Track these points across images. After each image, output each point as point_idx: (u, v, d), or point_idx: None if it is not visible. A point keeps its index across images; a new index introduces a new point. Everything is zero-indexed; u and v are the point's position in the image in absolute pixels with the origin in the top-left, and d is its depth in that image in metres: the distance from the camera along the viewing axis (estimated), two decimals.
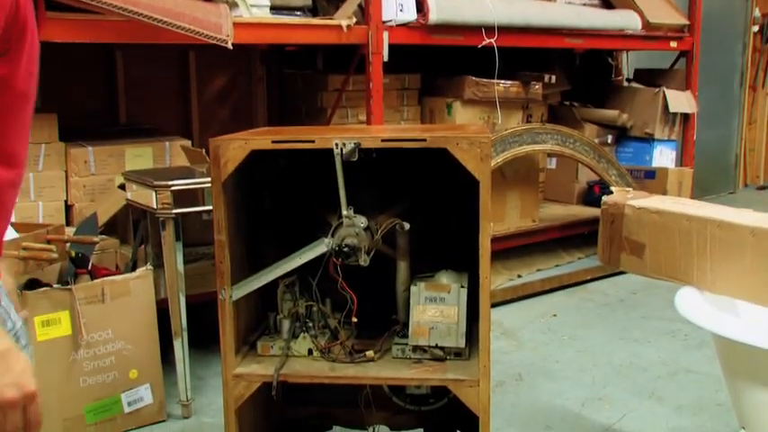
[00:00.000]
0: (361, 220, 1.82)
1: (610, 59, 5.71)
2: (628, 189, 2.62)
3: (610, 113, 5.22)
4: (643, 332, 3.67)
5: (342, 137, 1.74)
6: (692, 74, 5.31)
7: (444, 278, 1.96)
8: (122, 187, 3.12)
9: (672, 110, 5.18)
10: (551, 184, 5.26)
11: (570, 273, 4.44)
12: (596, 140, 4.88)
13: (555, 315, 3.94)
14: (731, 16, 7.11)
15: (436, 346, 1.88)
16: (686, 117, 5.35)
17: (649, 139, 5.25)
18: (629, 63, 5.90)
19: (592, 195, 5.04)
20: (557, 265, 4.56)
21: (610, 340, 3.56)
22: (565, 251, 4.73)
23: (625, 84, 5.68)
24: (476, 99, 4.35)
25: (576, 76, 5.45)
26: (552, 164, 5.23)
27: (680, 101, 5.23)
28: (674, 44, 5.15)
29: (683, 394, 2.96)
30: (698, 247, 2.08)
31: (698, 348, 3.42)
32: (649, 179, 4.96)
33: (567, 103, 5.27)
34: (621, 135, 5.35)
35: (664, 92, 5.17)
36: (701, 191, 6.09)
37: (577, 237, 4.73)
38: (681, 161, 5.42)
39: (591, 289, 4.40)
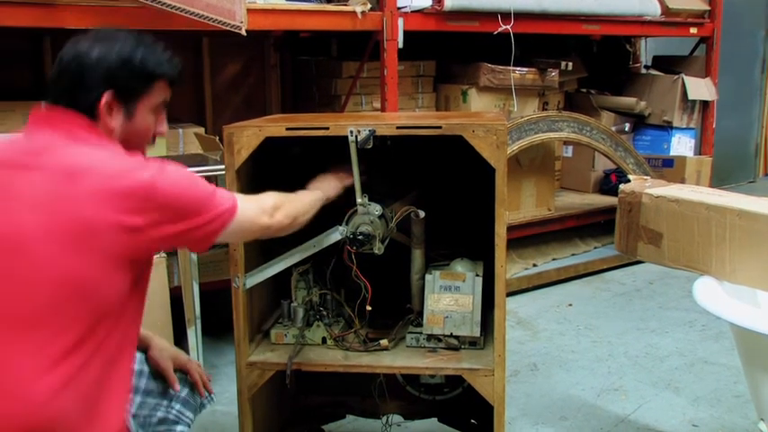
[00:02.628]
0: (376, 208, 1.82)
1: (627, 46, 5.65)
2: (645, 177, 2.60)
3: (627, 101, 5.18)
4: (660, 322, 3.65)
5: (356, 124, 1.74)
6: (711, 61, 5.25)
7: (459, 267, 1.96)
8: None
9: (691, 97, 5.13)
10: (567, 172, 5.23)
11: (586, 262, 4.42)
12: (613, 128, 4.84)
13: (570, 305, 3.92)
14: (753, 2, 7.01)
15: (451, 335, 1.88)
16: (705, 105, 5.29)
17: (667, 127, 5.20)
18: (647, 50, 5.84)
19: (608, 184, 5.01)
20: (573, 255, 4.54)
21: (626, 330, 3.55)
22: (581, 240, 4.71)
23: (643, 71, 5.62)
24: (491, 86, 4.32)
25: (593, 63, 5.40)
26: (568, 152, 5.20)
27: (699, 88, 5.18)
28: (693, 30, 5.09)
29: (700, 385, 2.95)
30: (717, 236, 2.06)
31: (716, 339, 3.40)
32: (667, 168, 4.92)
33: (584, 90, 5.23)
34: (639, 123, 5.31)
35: (683, 79, 5.12)
36: (719, 180, 6.04)
37: (594, 226, 4.70)
38: (700, 149, 5.37)
39: (607, 278, 4.38)
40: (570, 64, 4.70)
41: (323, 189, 1.77)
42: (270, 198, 1.56)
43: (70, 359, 1.26)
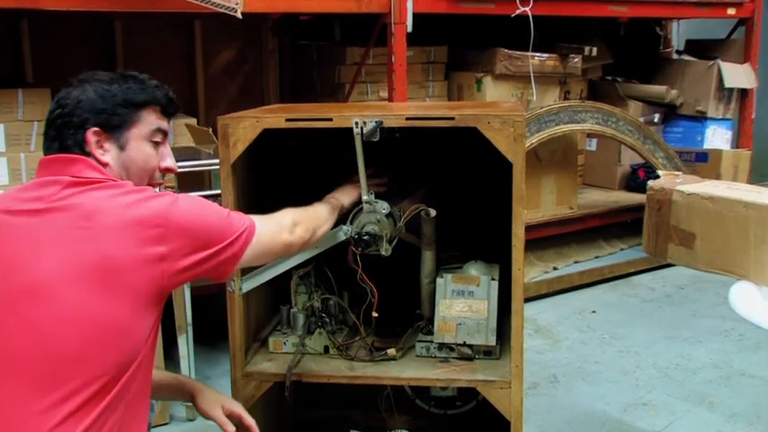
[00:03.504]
0: (383, 206, 1.82)
1: (658, 29, 5.64)
2: (676, 173, 2.60)
3: (657, 89, 5.17)
4: (692, 331, 3.64)
5: (362, 115, 1.75)
6: (751, 44, 5.22)
7: (473, 270, 1.96)
8: None
9: (727, 85, 5.11)
10: (591, 167, 5.23)
11: (611, 265, 4.41)
12: (641, 119, 4.84)
13: (594, 311, 3.92)
14: None
15: (464, 344, 1.89)
16: (744, 93, 5.27)
17: (701, 118, 5.19)
18: (679, 33, 5.83)
19: (636, 180, 5.01)
20: (596, 257, 4.54)
21: (655, 340, 3.54)
22: (605, 241, 4.71)
23: (675, 56, 5.61)
24: (508, 74, 4.32)
25: (619, 47, 5.39)
26: (592, 145, 5.19)
27: (737, 75, 5.16)
28: (731, 11, 5.07)
29: (737, 400, 2.94)
30: (756, 237, 2.06)
31: (754, 350, 3.39)
32: (701, 162, 4.91)
33: (610, 77, 5.23)
34: (670, 113, 5.30)
35: (719, 65, 5.10)
36: (759, 176, 6.01)
37: (619, 226, 4.70)
38: (737, 142, 5.35)
39: (634, 283, 4.37)
40: (594, 49, 4.70)
41: (337, 197, 1.82)
42: (287, 215, 1.62)
43: (91, 413, 1.29)
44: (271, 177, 2.10)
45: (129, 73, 1.53)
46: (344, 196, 1.84)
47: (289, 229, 1.59)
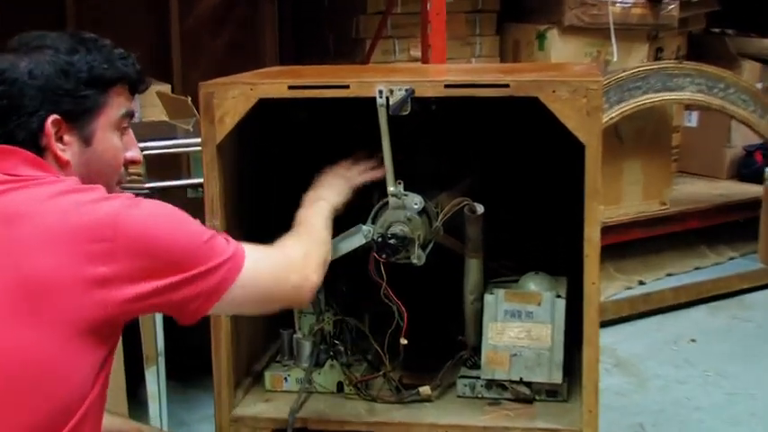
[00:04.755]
0: (415, 200, 1.81)
1: None
2: None
3: None
4: None
5: (388, 81, 1.74)
6: None
7: (533, 284, 1.95)
8: None
9: None
10: (690, 149, 5.20)
11: (717, 279, 4.37)
12: (759, 86, 4.79)
13: (693, 340, 3.90)
14: None
15: (520, 382, 1.88)
16: None
17: None
18: None
19: (750, 166, 4.98)
20: (696, 269, 4.52)
21: None
22: (709, 248, 4.67)
23: None
24: (580, 26, 4.32)
25: None
26: (692, 120, 5.16)
27: None
28: None
29: None
30: None
31: None
32: None
33: (717, 30, 5.18)
34: None
35: None
36: None
37: (729, 227, 4.66)
38: None
39: (747, 303, 4.34)
40: None
41: (326, 198, 1.78)
42: (294, 244, 1.59)
43: None
44: (269, 162, 2.10)
45: (87, 36, 1.49)
46: (333, 194, 1.79)
47: (299, 266, 1.55)
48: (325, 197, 1.77)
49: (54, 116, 1.41)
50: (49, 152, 1.41)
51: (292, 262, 1.55)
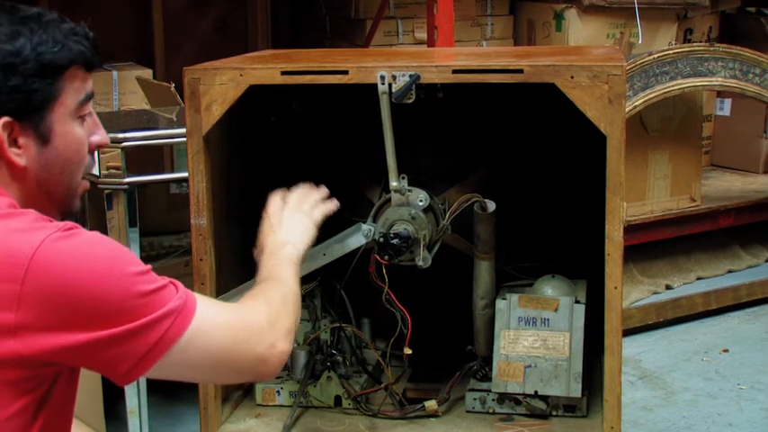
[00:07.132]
0: (420, 197, 1.80)
1: None
2: None
3: None
4: None
5: (390, 66, 1.73)
6: None
7: (549, 288, 1.93)
8: None
9: None
10: (723, 140, 5.15)
11: (753, 283, 4.31)
12: None
13: (726, 350, 3.85)
14: None
15: (536, 395, 1.86)
16: None
17: None
18: None
19: None
20: (730, 272, 4.45)
21: None
22: (744, 249, 4.61)
23: None
24: (602, 5, 4.30)
25: None
26: (725, 109, 5.12)
27: None
28: None
29: None
30: None
31: None
32: None
33: (752, 9, 5.14)
34: None
35: None
36: None
37: (765, 226, 4.59)
38: None
39: None
40: None
41: (293, 241, 1.63)
42: (261, 306, 1.42)
43: None
44: (260, 155, 2.09)
45: (28, 12, 1.33)
46: (297, 235, 1.65)
47: (267, 331, 1.37)
48: (292, 240, 1.63)
49: (3, 119, 1.27)
50: (1, 161, 1.29)
51: (258, 326, 1.37)
